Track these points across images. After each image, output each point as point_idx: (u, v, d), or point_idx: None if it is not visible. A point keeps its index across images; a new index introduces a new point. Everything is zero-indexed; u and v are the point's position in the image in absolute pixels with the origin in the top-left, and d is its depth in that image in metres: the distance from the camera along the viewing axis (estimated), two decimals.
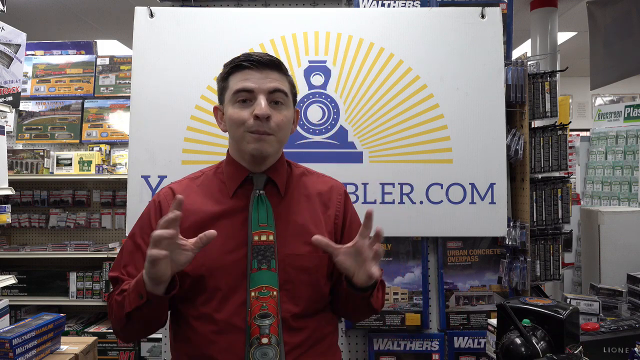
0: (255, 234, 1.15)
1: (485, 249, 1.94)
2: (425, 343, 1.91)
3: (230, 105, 1.16)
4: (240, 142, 1.17)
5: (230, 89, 1.17)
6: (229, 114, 1.17)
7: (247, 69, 1.16)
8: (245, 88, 1.14)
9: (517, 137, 1.93)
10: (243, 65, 1.16)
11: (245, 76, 1.16)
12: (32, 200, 3.62)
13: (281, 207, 1.20)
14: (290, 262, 1.17)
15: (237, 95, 1.15)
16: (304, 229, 1.20)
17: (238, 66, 1.17)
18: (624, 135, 4.00)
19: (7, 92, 2.53)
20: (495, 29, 1.89)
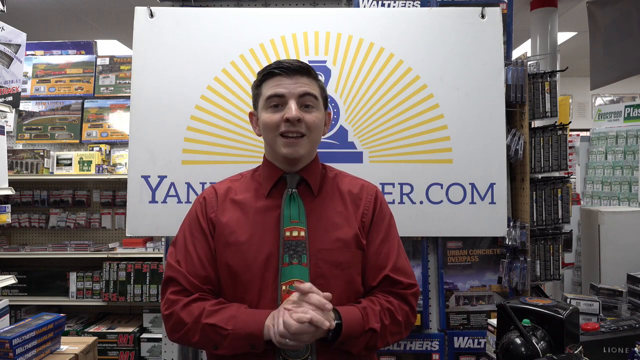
0: (287, 229, 1.21)
1: (485, 249, 1.94)
2: (425, 343, 1.91)
3: (264, 110, 1.24)
4: (273, 145, 1.24)
5: (263, 95, 1.25)
6: (262, 118, 1.24)
7: (278, 76, 1.23)
8: (277, 93, 1.22)
9: (517, 137, 1.93)
10: (274, 73, 1.24)
11: (277, 82, 1.23)
12: (32, 200, 3.62)
13: (314, 205, 1.26)
14: (323, 256, 1.20)
15: (270, 101, 1.23)
16: (335, 225, 1.24)
17: (270, 74, 1.24)
18: (624, 135, 4.00)
19: (7, 92, 2.53)
20: (495, 29, 1.89)
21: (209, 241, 1.25)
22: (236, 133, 1.85)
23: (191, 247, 1.24)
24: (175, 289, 1.21)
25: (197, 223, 1.27)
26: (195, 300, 1.19)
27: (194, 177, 1.83)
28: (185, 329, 1.16)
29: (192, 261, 1.23)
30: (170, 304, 1.20)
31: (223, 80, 1.85)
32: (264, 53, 1.87)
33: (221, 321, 1.13)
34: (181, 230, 1.29)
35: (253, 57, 1.87)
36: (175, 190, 1.83)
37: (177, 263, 1.23)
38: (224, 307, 1.17)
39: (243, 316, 1.14)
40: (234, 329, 1.12)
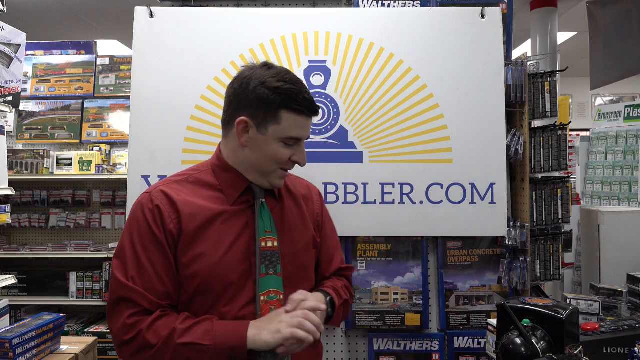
0: (262, 240, 1.21)
1: (485, 249, 1.94)
2: (425, 343, 1.91)
3: (276, 142, 1.19)
4: (268, 174, 1.22)
5: (282, 128, 1.17)
6: (272, 149, 1.19)
7: (303, 116, 1.19)
8: (298, 137, 1.20)
9: (517, 137, 1.93)
10: (301, 111, 1.18)
11: (300, 123, 1.19)
12: (32, 200, 3.62)
13: (276, 210, 1.28)
14: (290, 260, 1.25)
15: (288, 140, 1.19)
16: (297, 229, 1.30)
17: (296, 110, 1.17)
18: (624, 135, 4.00)
19: (7, 92, 2.53)
20: (495, 29, 1.89)
21: (166, 253, 1.15)
22: None
23: (145, 260, 1.13)
24: (133, 310, 1.11)
25: (149, 234, 1.15)
26: (158, 318, 1.11)
27: None
28: (153, 351, 1.08)
29: (148, 276, 1.13)
30: (130, 328, 1.10)
31: (223, 80, 1.85)
32: (264, 53, 1.87)
33: (198, 338, 1.09)
34: (127, 241, 1.16)
35: (253, 57, 1.87)
36: None
37: (130, 280, 1.12)
38: (195, 322, 1.12)
39: (220, 329, 1.11)
40: (214, 343, 1.09)
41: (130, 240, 1.16)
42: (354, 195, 1.85)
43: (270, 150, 1.19)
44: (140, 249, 1.14)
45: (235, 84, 1.21)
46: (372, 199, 1.86)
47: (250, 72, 1.20)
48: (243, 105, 1.18)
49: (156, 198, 1.18)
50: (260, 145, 1.19)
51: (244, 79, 1.19)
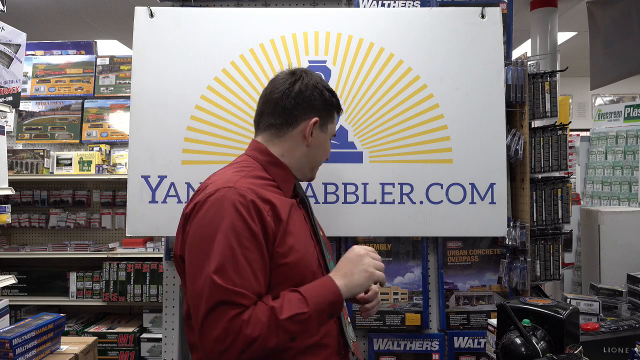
0: (320, 229, 1.37)
1: (485, 249, 1.94)
2: (425, 343, 1.91)
3: (329, 138, 1.38)
4: (316, 168, 1.39)
5: (334, 127, 1.39)
6: (328, 145, 1.39)
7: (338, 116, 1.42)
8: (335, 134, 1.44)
9: (517, 137, 1.93)
10: (340, 112, 1.42)
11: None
12: (32, 200, 3.62)
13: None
14: (327, 247, 1.39)
15: (332, 136, 1.40)
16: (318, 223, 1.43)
17: (340, 112, 1.40)
18: (624, 135, 4.00)
19: (7, 92, 2.53)
20: (495, 29, 1.89)
21: (262, 250, 1.12)
22: (236, 133, 1.84)
23: (242, 259, 1.08)
24: (236, 311, 1.04)
25: (247, 230, 1.10)
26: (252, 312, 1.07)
27: (194, 177, 1.83)
28: (258, 342, 1.04)
29: (247, 275, 1.08)
30: (228, 332, 1.03)
31: (223, 80, 1.85)
32: (264, 53, 1.87)
33: (297, 308, 1.08)
34: (222, 243, 1.08)
35: (253, 57, 1.87)
36: (176, 190, 1.83)
37: (229, 282, 1.05)
38: (284, 297, 1.11)
39: (310, 292, 1.12)
40: (313, 307, 1.10)
41: (225, 241, 1.08)
42: (354, 195, 1.85)
43: (327, 146, 1.38)
44: (237, 248, 1.08)
45: (296, 88, 1.30)
46: (372, 199, 1.86)
47: (309, 78, 1.33)
48: (312, 107, 1.31)
49: (247, 192, 1.14)
50: (321, 143, 1.35)
51: (308, 84, 1.31)
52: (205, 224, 1.11)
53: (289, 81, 1.31)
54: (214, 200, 1.13)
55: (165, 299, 1.94)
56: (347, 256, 1.23)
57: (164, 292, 1.95)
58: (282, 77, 1.34)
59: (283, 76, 1.34)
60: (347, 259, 1.22)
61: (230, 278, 1.06)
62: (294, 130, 1.30)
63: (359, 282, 1.18)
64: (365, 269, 1.19)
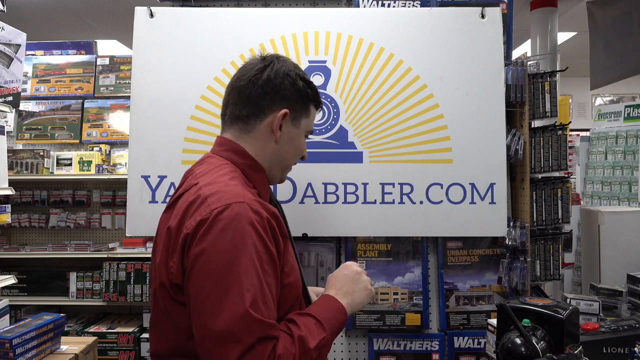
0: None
1: (485, 249, 1.94)
2: (425, 343, 1.91)
3: (302, 134, 1.22)
4: (287, 168, 1.24)
5: (310, 121, 1.22)
6: (301, 142, 1.22)
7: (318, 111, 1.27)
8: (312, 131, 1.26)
9: (517, 137, 1.93)
10: (319, 106, 1.26)
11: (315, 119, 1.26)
12: (32, 200, 3.62)
13: None
14: None
15: (308, 133, 1.24)
16: None
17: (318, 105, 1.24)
18: (624, 135, 4.00)
19: (7, 92, 2.53)
20: (495, 29, 1.89)
21: (277, 272, 1.02)
22: None
23: (266, 288, 0.96)
24: (271, 346, 0.93)
25: (267, 254, 0.99)
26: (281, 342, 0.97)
27: None
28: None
29: (271, 304, 0.97)
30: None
31: (223, 80, 1.85)
32: (264, 53, 1.86)
33: (318, 335, 1.02)
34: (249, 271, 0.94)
35: (253, 57, 1.86)
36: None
37: (264, 315, 0.93)
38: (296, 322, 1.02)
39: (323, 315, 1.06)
40: (330, 330, 1.05)
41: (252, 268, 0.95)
42: (354, 195, 1.85)
43: (300, 144, 1.21)
44: (261, 275, 0.96)
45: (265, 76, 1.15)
46: (372, 199, 1.86)
47: (281, 65, 1.17)
48: (281, 97, 1.15)
49: (260, 209, 1.01)
50: (292, 139, 1.19)
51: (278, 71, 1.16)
52: (222, 249, 0.94)
53: (257, 67, 1.16)
54: (228, 219, 0.96)
55: None
56: (344, 273, 1.17)
57: None
58: (251, 63, 1.18)
59: (252, 62, 1.19)
60: (345, 276, 1.16)
61: (260, 310, 0.93)
62: (262, 123, 1.14)
63: (361, 301, 1.15)
64: (365, 287, 1.16)
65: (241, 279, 0.92)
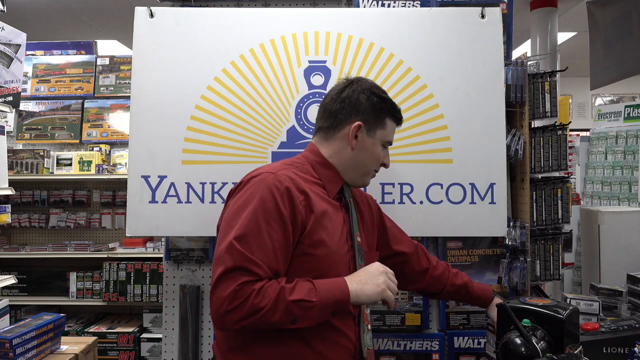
0: (357, 235, 1.37)
1: (485, 249, 1.94)
2: (425, 343, 1.91)
3: (379, 144, 1.38)
4: (367, 173, 1.40)
5: (386, 132, 1.38)
6: (377, 150, 1.38)
7: (397, 124, 1.43)
8: (391, 142, 1.42)
9: (517, 137, 1.93)
10: (398, 120, 1.42)
11: (394, 131, 1.42)
12: (32, 200, 3.62)
13: (357, 211, 1.43)
14: (367, 257, 1.38)
15: (386, 143, 1.40)
16: (369, 229, 1.47)
17: (396, 118, 1.41)
18: (624, 135, 4.00)
19: (7, 92, 2.53)
20: (495, 29, 1.89)
21: (288, 234, 1.19)
22: (236, 133, 1.84)
23: (266, 236, 1.16)
24: (247, 278, 1.12)
25: (276, 212, 1.18)
26: (266, 284, 1.14)
27: (194, 177, 1.83)
28: (262, 312, 1.11)
29: (267, 251, 1.16)
30: (237, 295, 1.10)
31: (223, 80, 1.85)
32: (264, 53, 1.87)
33: (305, 295, 1.14)
34: (249, 216, 1.17)
35: (253, 57, 1.87)
36: (175, 190, 1.83)
37: (249, 250, 1.13)
38: (297, 282, 1.17)
39: (322, 286, 1.17)
40: (320, 299, 1.15)
41: (253, 215, 1.17)
42: None
43: (375, 152, 1.37)
44: (263, 224, 1.16)
45: (344, 92, 1.36)
46: None
47: (359, 83, 1.37)
48: (357, 110, 1.34)
49: (285, 180, 1.23)
50: (368, 147, 1.36)
51: (356, 88, 1.36)
52: (241, 199, 1.21)
53: (340, 87, 1.38)
54: (255, 181, 1.23)
55: (165, 299, 1.94)
56: (367, 268, 1.27)
57: (164, 292, 1.95)
58: (338, 84, 1.41)
59: (340, 82, 1.41)
60: (366, 270, 1.26)
61: (250, 248, 1.14)
62: (339, 132, 1.35)
63: (369, 293, 1.21)
64: (379, 284, 1.22)
65: (240, 221, 1.16)
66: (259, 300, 1.11)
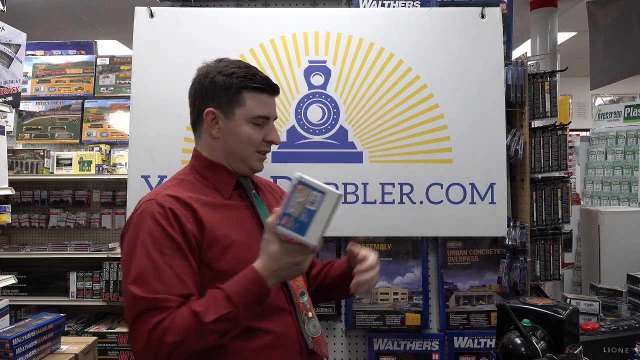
0: None
1: (485, 249, 1.94)
2: (425, 343, 1.91)
3: (245, 124, 1.23)
4: (246, 158, 1.25)
5: (248, 108, 1.22)
6: (243, 131, 1.23)
7: (265, 93, 1.24)
8: (266, 115, 1.25)
9: (517, 137, 1.93)
10: (262, 89, 1.23)
11: (264, 101, 1.24)
12: (32, 200, 3.61)
13: (271, 201, 1.35)
14: None
15: (256, 119, 1.23)
16: None
17: (256, 89, 1.23)
18: (624, 135, 4.01)
19: (7, 92, 2.53)
20: (495, 29, 1.89)
21: (186, 256, 1.11)
22: None
23: (164, 267, 1.08)
24: (158, 318, 1.03)
25: (166, 238, 1.10)
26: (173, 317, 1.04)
27: None
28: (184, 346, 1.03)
29: (170, 281, 1.07)
30: (150, 344, 1.02)
31: None
32: (264, 53, 1.87)
33: (223, 308, 1.04)
34: (141, 253, 1.09)
35: (253, 57, 1.87)
36: None
37: (148, 289, 1.05)
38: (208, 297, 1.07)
39: (233, 289, 1.06)
40: (239, 302, 1.04)
41: (143, 252, 1.09)
42: (354, 195, 1.85)
43: (243, 133, 1.23)
44: (157, 256, 1.08)
45: (195, 84, 1.26)
46: (372, 199, 1.85)
47: (206, 68, 1.26)
48: (206, 98, 1.23)
49: (166, 202, 1.14)
50: (231, 131, 1.23)
51: (201, 76, 1.25)
52: (128, 241, 1.13)
53: (195, 76, 1.27)
54: (136, 216, 1.15)
55: None
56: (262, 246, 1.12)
57: None
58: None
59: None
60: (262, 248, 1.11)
61: (150, 286, 1.06)
62: (202, 126, 1.26)
63: (278, 260, 1.05)
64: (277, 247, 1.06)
65: (133, 264, 1.09)
66: (172, 338, 1.02)
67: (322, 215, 1.02)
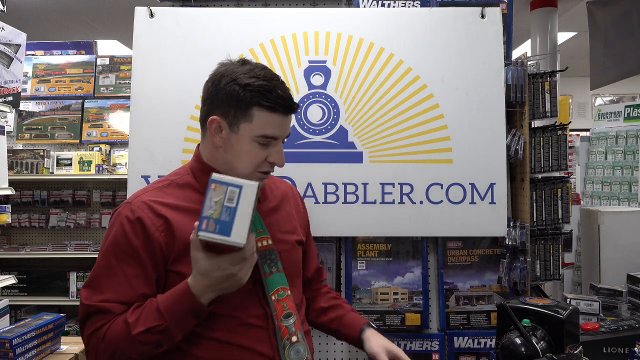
0: (257, 240, 1.17)
1: (485, 249, 1.94)
2: (425, 343, 1.91)
3: (249, 141, 1.14)
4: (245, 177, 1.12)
5: (255, 125, 1.13)
6: (245, 148, 1.14)
7: (277, 113, 1.14)
8: (273, 136, 1.15)
9: (517, 137, 1.93)
10: (273, 108, 1.13)
11: (273, 121, 1.14)
12: (32, 200, 3.62)
13: (262, 210, 1.26)
14: (287, 257, 1.25)
15: (261, 139, 1.14)
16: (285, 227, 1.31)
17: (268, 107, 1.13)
18: (624, 135, 4.01)
19: (7, 92, 2.53)
20: (495, 28, 1.89)
21: (143, 263, 1.10)
22: None
23: (119, 273, 1.09)
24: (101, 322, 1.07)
25: (127, 246, 1.10)
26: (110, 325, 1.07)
27: None
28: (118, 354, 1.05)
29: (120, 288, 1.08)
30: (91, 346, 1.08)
31: None
32: (264, 53, 1.87)
33: (153, 321, 1.04)
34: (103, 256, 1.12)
35: (253, 57, 1.86)
36: None
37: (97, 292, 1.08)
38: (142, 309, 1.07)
39: (166, 303, 1.05)
40: (171, 317, 1.03)
41: (105, 255, 1.12)
42: (354, 195, 1.85)
43: (244, 151, 1.14)
44: (115, 262, 1.10)
45: (209, 82, 1.20)
46: (372, 199, 1.85)
47: (224, 69, 1.17)
48: (215, 104, 1.16)
49: (137, 209, 1.12)
50: (233, 145, 1.15)
51: (216, 76, 1.17)
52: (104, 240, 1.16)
53: (213, 72, 1.21)
54: (113, 218, 1.17)
55: None
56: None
57: None
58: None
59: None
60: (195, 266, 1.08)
61: (101, 291, 1.08)
62: (207, 129, 1.19)
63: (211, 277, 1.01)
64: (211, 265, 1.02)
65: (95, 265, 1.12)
66: (105, 346, 1.05)
67: (244, 211, 0.94)
